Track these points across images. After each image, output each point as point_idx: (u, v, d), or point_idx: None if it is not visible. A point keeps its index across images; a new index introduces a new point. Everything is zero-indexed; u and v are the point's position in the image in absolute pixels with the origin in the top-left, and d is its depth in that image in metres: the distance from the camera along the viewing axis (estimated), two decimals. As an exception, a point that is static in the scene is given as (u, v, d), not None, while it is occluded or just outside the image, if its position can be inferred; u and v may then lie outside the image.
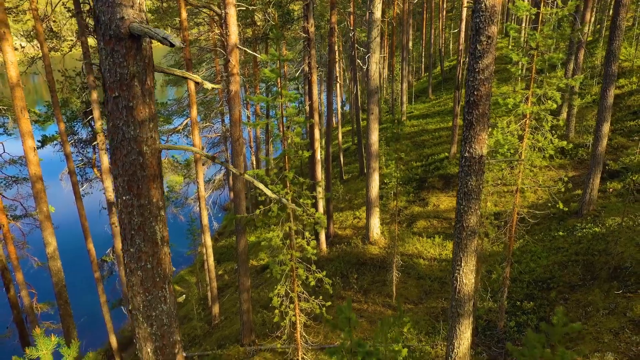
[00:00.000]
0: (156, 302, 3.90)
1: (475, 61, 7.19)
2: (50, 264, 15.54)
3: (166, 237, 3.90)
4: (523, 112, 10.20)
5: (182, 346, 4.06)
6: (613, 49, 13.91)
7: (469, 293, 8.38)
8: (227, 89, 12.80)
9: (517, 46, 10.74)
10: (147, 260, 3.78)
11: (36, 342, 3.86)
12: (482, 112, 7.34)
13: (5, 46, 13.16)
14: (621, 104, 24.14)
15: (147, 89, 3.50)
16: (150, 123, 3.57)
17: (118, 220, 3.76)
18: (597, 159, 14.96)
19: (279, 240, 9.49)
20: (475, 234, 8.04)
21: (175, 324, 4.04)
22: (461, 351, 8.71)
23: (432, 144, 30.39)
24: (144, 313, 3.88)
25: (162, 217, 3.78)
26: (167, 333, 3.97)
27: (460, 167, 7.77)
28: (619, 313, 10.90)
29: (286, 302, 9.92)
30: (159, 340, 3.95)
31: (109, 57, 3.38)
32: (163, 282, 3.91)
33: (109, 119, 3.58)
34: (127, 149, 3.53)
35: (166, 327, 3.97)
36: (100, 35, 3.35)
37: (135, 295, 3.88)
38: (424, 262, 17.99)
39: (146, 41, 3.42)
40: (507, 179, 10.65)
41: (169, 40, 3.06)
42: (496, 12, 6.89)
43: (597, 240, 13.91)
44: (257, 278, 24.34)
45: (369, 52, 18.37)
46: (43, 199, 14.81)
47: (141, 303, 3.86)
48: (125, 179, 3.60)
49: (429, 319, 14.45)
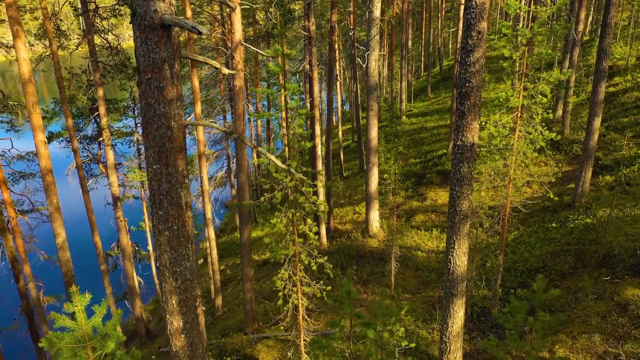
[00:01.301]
0: (181, 259, 4.41)
1: (466, 55, 7.70)
2: (60, 255, 16.04)
3: (189, 202, 4.40)
4: (514, 106, 10.71)
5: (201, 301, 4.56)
6: (604, 46, 14.42)
7: (462, 274, 8.88)
8: (232, 85, 13.30)
9: (509, 42, 11.18)
10: (174, 222, 4.29)
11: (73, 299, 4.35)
12: (473, 103, 7.85)
13: (19, 43, 13.67)
14: (615, 102, 24.66)
15: (175, 72, 4.01)
16: (177, 102, 4.07)
17: (148, 187, 4.26)
18: (588, 153, 15.47)
19: (283, 225, 10.00)
20: (468, 218, 8.55)
21: (197, 280, 4.54)
22: (455, 330, 9.22)
23: (431, 141, 30.89)
24: (170, 269, 4.39)
25: (186, 184, 4.27)
26: (189, 287, 4.47)
27: (453, 154, 8.28)
28: (607, 298, 11.41)
29: (289, 285, 10.43)
30: (183, 294, 4.45)
31: (143, 44, 3.88)
32: (187, 242, 4.42)
33: (142, 98, 4.09)
34: (157, 124, 4.04)
35: (189, 282, 4.47)
36: (136, 25, 3.85)
37: (162, 253, 4.39)
38: (421, 254, 18.49)
39: (175, 30, 3.91)
40: (501, 169, 11.15)
41: (197, 29, 3.56)
42: (485, 9, 7.39)
43: (588, 230, 14.42)
44: (259, 272, 24.84)
45: (368, 50, 18.87)
46: (53, 191, 15.32)
47: (168, 260, 4.36)
48: (156, 150, 4.11)
49: (426, 307, 14.96)
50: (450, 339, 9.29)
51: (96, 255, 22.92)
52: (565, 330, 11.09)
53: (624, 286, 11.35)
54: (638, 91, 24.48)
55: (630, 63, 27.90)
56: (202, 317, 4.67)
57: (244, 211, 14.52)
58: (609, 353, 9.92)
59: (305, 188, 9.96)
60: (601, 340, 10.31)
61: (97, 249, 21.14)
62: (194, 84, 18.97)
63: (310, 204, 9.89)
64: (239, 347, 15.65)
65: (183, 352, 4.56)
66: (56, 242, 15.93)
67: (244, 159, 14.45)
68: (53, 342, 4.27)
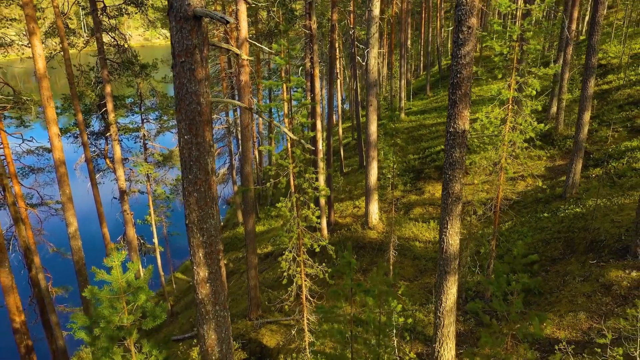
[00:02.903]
0: (207, 217, 5.07)
1: (458, 48, 8.37)
2: (72, 243, 16.71)
3: (214, 168, 5.04)
4: (505, 98, 11.39)
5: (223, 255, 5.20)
6: (592, 43, 15.10)
7: (454, 252, 9.56)
8: (237, 80, 14.00)
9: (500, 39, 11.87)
10: (201, 185, 4.95)
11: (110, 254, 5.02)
12: (464, 92, 8.53)
13: (34, 40, 14.35)
14: (608, 98, 25.34)
15: (204, 56, 4.67)
16: (205, 82, 4.73)
17: (179, 155, 4.92)
18: (578, 145, 16.15)
19: (287, 210, 10.67)
20: (460, 200, 9.22)
21: (219, 237, 5.19)
22: (448, 305, 9.89)
23: (429, 138, 31.57)
24: (198, 225, 5.06)
25: (211, 153, 4.92)
26: (214, 242, 5.14)
27: (446, 140, 8.96)
28: (593, 280, 12.09)
29: (293, 266, 11.10)
30: (208, 247, 5.11)
31: (178, 32, 4.55)
32: (212, 202, 5.09)
33: (176, 78, 4.76)
34: (189, 100, 4.70)
35: (213, 237, 5.14)
36: (172, 16, 4.52)
37: (191, 212, 5.05)
38: (419, 245, 19.17)
39: (205, 21, 4.56)
40: (493, 158, 11.82)
41: (225, 19, 4.23)
42: (475, 6, 8.07)
43: (578, 219, 15.10)
44: (261, 264, 25.49)
45: (368, 48, 19.55)
46: (66, 182, 15.99)
47: (196, 218, 5.03)
48: (187, 122, 4.77)
49: (423, 292, 15.63)
50: (443, 314, 9.96)
51: (102, 248, 23.60)
52: (552, 309, 11.77)
53: (609, 268, 12.03)
54: (630, 88, 25.16)
55: (624, 61, 28.58)
56: (224, 269, 5.31)
57: (249, 201, 15.18)
58: (592, 329, 10.60)
59: (308, 175, 10.64)
60: (586, 317, 11.00)
61: (105, 240, 21.80)
62: (200, 80, 19.63)
63: (313, 190, 10.56)
64: (244, 332, 16.33)
65: (208, 299, 5.23)
66: (68, 231, 16.58)
67: (248, 151, 15.12)
68: (94, 292, 4.93)
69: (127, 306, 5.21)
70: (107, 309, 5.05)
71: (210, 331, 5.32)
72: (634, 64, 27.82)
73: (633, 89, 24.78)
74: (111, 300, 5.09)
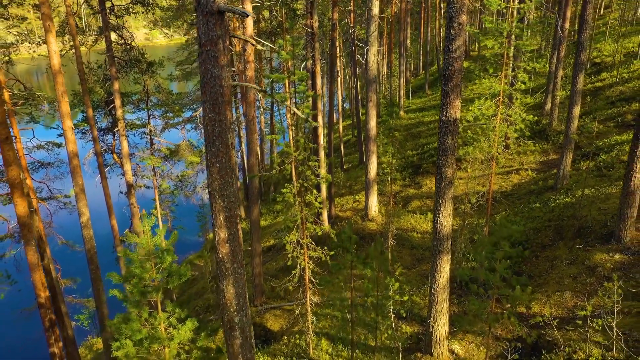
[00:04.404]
0: (227, 185, 5.80)
1: (449, 43, 9.11)
2: (84, 232, 17.44)
3: (234, 143, 5.77)
4: (497, 91, 12.13)
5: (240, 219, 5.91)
6: (582, 41, 15.83)
7: (447, 233, 10.29)
8: (243, 75, 14.73)
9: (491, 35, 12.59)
10: (222, 157, 5.68)
11: (142, 219, 5.75)
12: (455, 84, 9.27)
13: (50, 37, 15.10)
14: (601, 95, 26.10)
15: (225, 46, 5.40)
16: (226, 67, 5.46)
17: (204, 132, 5.65)
18: (569, 138, 16.88)
19: (291, 196, 11.41)
20: (452, 184, 9.96)
21: (238, 203, 5.89)
22: (442, 282, 10.63)
23: (428, 135, 32.33)
24: (219, 192, 5.79)
25: (231, 130, 5.64)
26: (232, 207, 5.87)
27: (439, 129, 9.69)
28: (579, 263, 12.83)
29: (297, 248, 11.84)
30: (228, 212, 5.84)
31: (204, 25, 5.28)
32: (231, 172, 5.82)
33: (202, 64, 5.50)
34: (212, 83, 5.44)
35: (232, 203, 5.87)
36: (200, 11, 5.25)
37: (213, 181, 5.79)
38: (417, 235, 19.91)
39: (227, 16, 5.27)
40: (485, 148, 12.55)
41: (245, 13, 4.95)
42: (464, 4, 8.81)
43: (567, 208, 15.84)
44: (264, 256, 26.22)
45: (367, 45, 20.29)
46: (79, 173, 16.73)
47: (217, 185, 5.76)
48: (211, 102, 5.51)
49: (420, 278, 16.37)
50: (437, 291, 10.70)
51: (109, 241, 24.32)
52: (541, 290, 12.52)
53: (594, 252, 12.76)
54: (622, 85, 25.91)
55: (617, 59, 29.33)
56: (240, 232, 6.04)
57: (254, 191, 15.91)
58: (577, 306, 11.34)
59: (311, 162, 11.37)
60: (571, 296, 11.75)
61: (113, 232, 22.52)
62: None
63: (315, 176, 11.30)
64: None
65: (227, 257, 5.96)
66: (80, 221, 17.31)
67: (253, 143, 15.85)
68: (127, 253, 5.65)
69: (155, 266, 5.94)
70: (138, 268, 5.78)
71: (229, 286, 6.06)
72: (626, 62, 28.58)
73: (625, 86, 25.53)
74: (142, 261, 5.82)
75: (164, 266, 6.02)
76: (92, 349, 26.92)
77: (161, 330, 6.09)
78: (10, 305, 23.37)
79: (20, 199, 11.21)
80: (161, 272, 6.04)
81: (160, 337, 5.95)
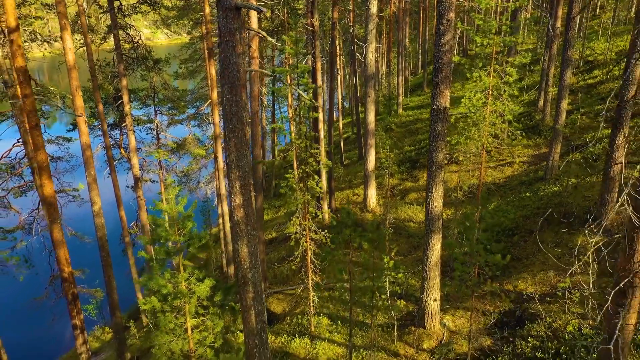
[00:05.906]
0: (242, 157, 6.67)
1: (439, 38, 9.99)
2: (96, 221, 18.30)
3: (248, 121, 6.62)
4: (486, 84, 13.01)
5: (252, 187, 6.78)
6: (568, 38, 16.71)
7: (438, 213, 11.17)
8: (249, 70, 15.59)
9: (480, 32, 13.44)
10: (239, 132, 6.55)
11: (167, 189, 6.62)
12: (445, 75, 10.14)
13: (65, 35, 15.96)
14: (593, 92, 26.98)
15: (241, 37, 6.24)
16: (242, 55, 6.30)
17: (222, 111, 6.51)
18: (557, 131, 17.76)
19: (294, 181, 12.29)
20: (442, 168, 10.83)
21: (251, 173, 6.76)
22: (433, 260, 11.51)
23: (425, 131, 33.19)
24: (235, 163, 6.66)
25: (246, 109, 6.46)
26: (246, 177, 6.75)
27: (430, 116, 10.57)
28: (563, 245, 13.71)
29: (300, 230, 12.72)
30: (242, 180, 6.71)
31: (224, 18, 6.15)
32: (246, 146, 6.69)
33: (221, 52, 6.37)
34: (230, 69, 6.31)
35: (246, 173, 6.74)
36: (220, 7, 6.13)
37: (230, 153, 6.66)
38: (413, 225, 20.79)
39: (244, 11, 6.12)
40: (475, 137, 13.42)
41: (260, 9, 5.81)
42: (453, 2, 9.69)
43: (555, 196, 16.73)
44: (266, 248, 27.11)
45: (366, 43, 21.17)
46: (91, 164, 17.59)
47: (234, 158, 6.63)
48: (229, 85, 6.38)
49: (416, 263, 17.24)
50: (430, 268, 11.58)
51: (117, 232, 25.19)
52: (527, 270, 13.41)
53: (577, 235, 13.64)
54: (613, 82, 26.78)
55: (609, 57, 30.21)
56: (253, 199, 6.89)
57: (257, 180, 16.78)
58: (560, 282, 12.21)
59: (313, 150, 12.24)
60: (555, 274, 12.63)
61: (122, 223, 23.38)
62: (211, 73, 21.27)
63: (316, 162, 12.17)
64: (253, 301, 17.94)
65: (241, 220, 6.83)
66: (93, 209, 18.17)
67: (257, 135, 16.70)
68: (154, 219, 6.50)
69: (178, 231, 6.79)
70: (164, 232, 6.64)
71: (244, 245, 6.92)
72: (617, 60, 29.45)
73: (615, 83, 26.39)
74: (166, 227, 6.67)
75: (186, 231, 6.87)
76: (99, 338, 27.78)
77: (183, 286, 6.96)
78: (21, 296, 24.17)
79: (47, 180, 12.14)
80: (183, 235, 6.90)
81: (183, 292, 6.81)
